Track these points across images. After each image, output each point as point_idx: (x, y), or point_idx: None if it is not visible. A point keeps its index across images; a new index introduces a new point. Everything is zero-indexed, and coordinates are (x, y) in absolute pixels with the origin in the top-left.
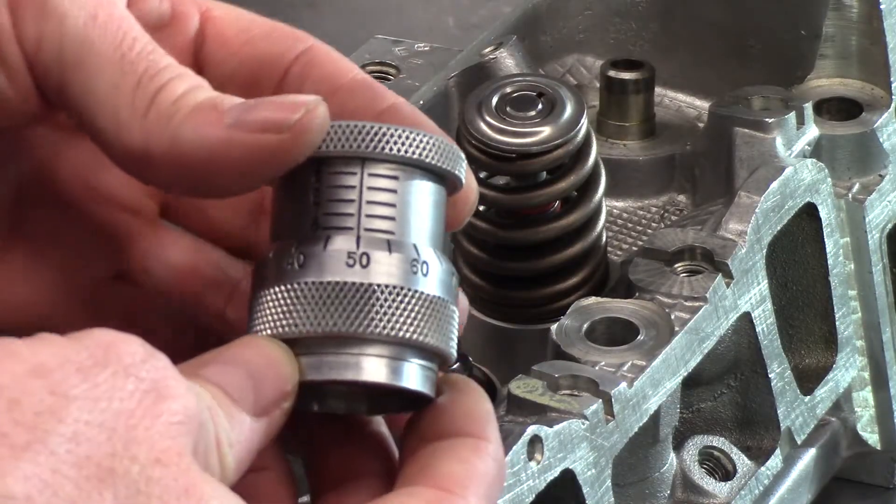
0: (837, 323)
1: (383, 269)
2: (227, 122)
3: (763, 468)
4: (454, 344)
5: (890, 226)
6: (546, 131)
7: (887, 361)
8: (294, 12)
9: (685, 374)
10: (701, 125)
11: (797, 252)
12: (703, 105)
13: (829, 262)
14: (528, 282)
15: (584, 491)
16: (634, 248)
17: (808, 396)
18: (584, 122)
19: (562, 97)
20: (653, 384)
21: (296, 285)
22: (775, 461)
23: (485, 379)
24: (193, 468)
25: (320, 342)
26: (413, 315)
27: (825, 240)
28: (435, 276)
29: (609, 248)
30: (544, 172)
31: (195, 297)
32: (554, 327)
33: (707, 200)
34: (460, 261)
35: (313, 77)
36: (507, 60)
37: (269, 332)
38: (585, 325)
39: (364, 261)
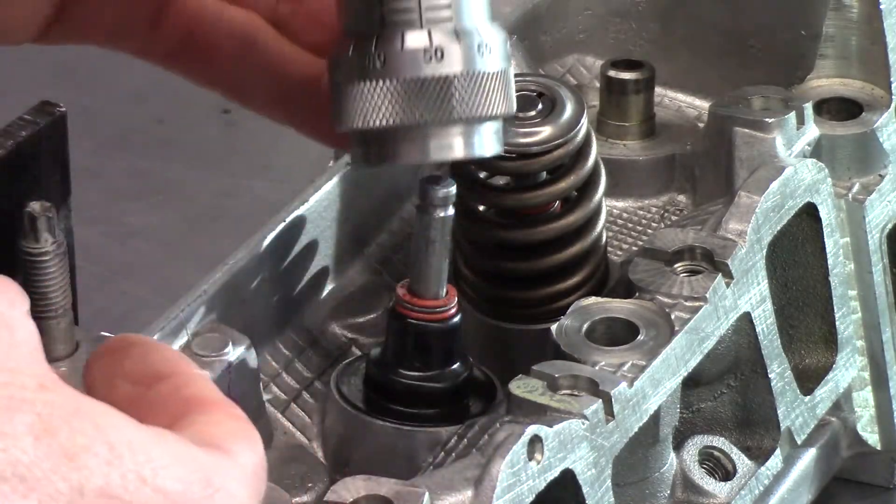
0: (837, 323)
1: (455, 58)
2: None
3: (763, 468)
4: (514, 97)
5: (890, 226)
6: (546, 131)
7: (887, 361)
8: None
9: (685, 374)
10: (701, 125)
11: (797, 252)
12: (703, 105)
13: (829, 262)
14: (528, 282)
15: (584, 491)
16: (634, 248)
17: (808, 396)
18: (584, 122)
19: (562, 97)
20: (653, 384)
21: (381, 82)
22: (775, 461)
23: (485, 379)
24: (70, 390)
25: (407, 130)
26: (486, 93)
27: (825, 240)
28: (497, 52)
29: (609, 248)
30: (544, 172)
31: None
32: (554, 327)
33: (707, 200)
34: (460, 261)
35: None
36: None
37: (360, 122)
38: (585, 325)
39: (439, 55)
